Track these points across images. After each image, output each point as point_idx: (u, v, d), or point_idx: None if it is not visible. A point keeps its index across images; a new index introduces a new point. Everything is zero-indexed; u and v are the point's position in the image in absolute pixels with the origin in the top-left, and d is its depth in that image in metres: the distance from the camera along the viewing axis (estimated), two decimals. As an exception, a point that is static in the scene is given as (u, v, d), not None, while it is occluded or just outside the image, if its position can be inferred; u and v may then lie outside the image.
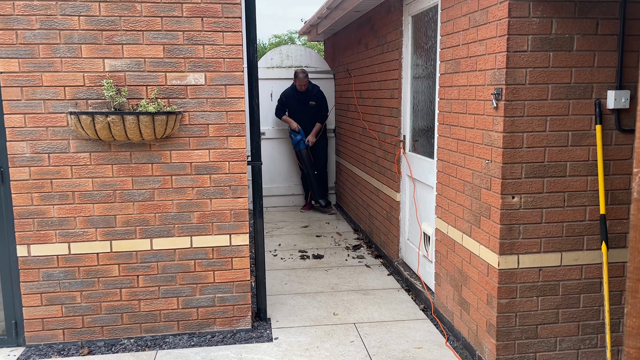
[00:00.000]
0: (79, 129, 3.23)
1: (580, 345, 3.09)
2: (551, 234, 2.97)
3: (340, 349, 3.45)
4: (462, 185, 3.40)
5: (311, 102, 7.05)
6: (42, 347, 3.50)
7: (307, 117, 7.08)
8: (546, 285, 3.01)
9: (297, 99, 7.05)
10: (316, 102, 7.07)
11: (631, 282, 0.58)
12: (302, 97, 7.04)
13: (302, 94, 7.02)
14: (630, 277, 0.58)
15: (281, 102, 7.16)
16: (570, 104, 2.88)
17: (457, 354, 3.39)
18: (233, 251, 3.61)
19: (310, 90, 7.05)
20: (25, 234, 3.40)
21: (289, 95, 7.08)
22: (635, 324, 0.58)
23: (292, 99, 7.07)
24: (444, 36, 3.63)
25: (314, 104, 7.06)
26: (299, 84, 6.91)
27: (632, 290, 0.58)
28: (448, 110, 3.59)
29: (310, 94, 7.05)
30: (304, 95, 7.03)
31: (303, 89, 6.96)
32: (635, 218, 0.58)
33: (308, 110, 7.07)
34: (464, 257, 3.41)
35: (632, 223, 0.58)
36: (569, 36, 2.82)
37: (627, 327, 0.59)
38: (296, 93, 7.03)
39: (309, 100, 7.05)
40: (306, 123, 7.09)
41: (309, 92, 7.04)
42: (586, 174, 2.95)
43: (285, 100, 7.10)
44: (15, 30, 3.22)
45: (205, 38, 3.39)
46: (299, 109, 7.07)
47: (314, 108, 7.07)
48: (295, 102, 7.06)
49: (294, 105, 7.08)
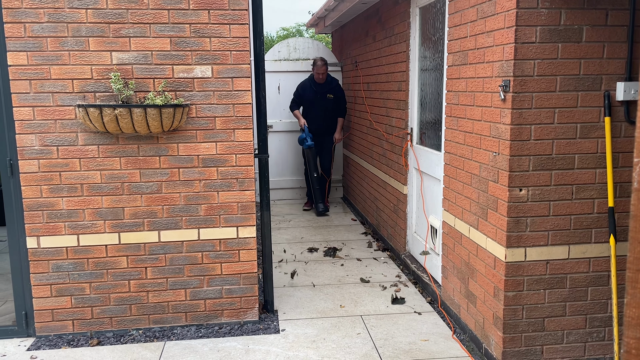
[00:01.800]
0: (87, 122, 3.24)
1: (587, 338, 3.08)
2: (559, 226, 2.96)
3: (347, 341, 3.47)
4: (470, 178, 3.38)
5: (329, 95, 6.65)
6: (52, 337, 3.55)
7: (323, 111, 6.68)
8: (553, 278, 3.00)
9: (314, 91, 6.65)
10: (334, 95, 6.67)
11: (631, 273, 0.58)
12: (319, 89, 6.63)
13: (320, 86, 6.62)
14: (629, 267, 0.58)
15: (297, 94, 6.77)
16: (579, 95, 2.86)
17: (464, 346, 3.39)
18: (240, 243, 3.63)
19: (329, 82, 6.66)
20: (35, 226, 3.43)
21: (306, 86, 6.71)
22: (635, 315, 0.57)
23: (308, 90, 6.67)
24: (451, 28, 3.60)
25: (332, 97, 6.66)
26: (316, 73, 6.52)
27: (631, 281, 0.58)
28: (455, 103, 3.57)
29: (329, 87, 6.65)
30: (321, 88, 6.62)
31: (321, 78, 6.55)
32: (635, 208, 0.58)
33: (325, 104, 6.67)
34: (471, 249, 3.40)
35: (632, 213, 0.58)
36: (577, 27, 2.80)
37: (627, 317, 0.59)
38: (313, 84, 6.64)
39: (326, 93, 6.64)
40: (322, 118, 6.70)
41: (328, 84, 6.64)
42: (594, 166, 2.92)
43: (302, 92, 6.71)
44: (24, 23, 3.24)
45: (212, 30, 3.39)
46: (315, 102, 6.66)
47: (331, 102, 6.68)
48: (312, 94, 6.66)
49: (310, 98, 6.67)
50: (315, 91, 6.64)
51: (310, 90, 6.67)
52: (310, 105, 6.72)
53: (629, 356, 0.59)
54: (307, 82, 6.75)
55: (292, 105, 6.84)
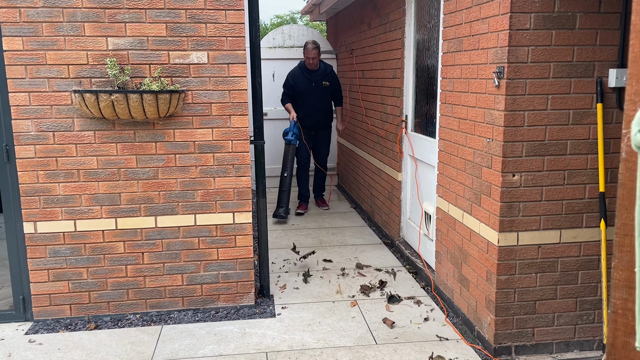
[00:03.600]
0: (83, 107, 3.25)
1: (577, 320, 3.15)
2: (551, 211, 3.01)
3: (342, 324, 3.52)
4: (464, 164, 3.42)
5: (324, 82, 6.06)
6: (50, 321, 3.58)
7: (319, 101, 6.07)
8: (545, 262, 3.06)
9: (307, 79, 6.01)
10: (330, 83, 6.10)
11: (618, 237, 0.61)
12: (313, 77, 6.01)
13: (314, 73, 6.01)
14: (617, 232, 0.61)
15: (288, 86, 6.07)
16: (572, 82, 2.90)
17: (457, 329, 3.45)
18: (236, 229, 3.66)
19: (324, 69, 6.08)
20: (32, 211, 3.45)
21: (297, 75, 6.03)
22: (622, 277, 0.61)
23: (301, 79, 6.01)
24: (446, 15, 3.62)
25: (328, 85, 6.08)
26: (307, 57, 5.90)
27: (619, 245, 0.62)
28: (450, 90, 3.60)
29: (324, 73, 6.06)
30: (315, 75, 6.01)
31: (313, 64, 5.93)
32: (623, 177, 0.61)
33: (322, 93, 6.07)
34: (465, 235, 3.45)
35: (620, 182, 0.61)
36: (571, 14, 2.82)
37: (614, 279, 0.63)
38: (306, 72, 6.00)
39: (321, 80, 6.04)
40: (318, 108, 6.09)
41: (322, 71, 6.05)
42: (586, 152, 2.97)
43: (293, 82, 6.01)
44: (19, 8, 3.23)
45: (208, 16, 3.39)
46: (310, 91, 6.02)
47: (328, 90, 6.10)
48: (306, 83, 6.00)
49: (304, 88, 6.00)
50: (308, 79, 6.02)
51: (302, 78, 6.03)
52: (305, 96, 6.05)
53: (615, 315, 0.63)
54: (297, 70, 6.08)
55: (284, 98, 6.14)
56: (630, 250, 0.61)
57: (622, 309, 0.63)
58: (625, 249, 0.62)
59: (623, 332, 0.63)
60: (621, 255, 0.62)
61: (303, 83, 6.01)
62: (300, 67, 6.06)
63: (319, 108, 6.10)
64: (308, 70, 6.03)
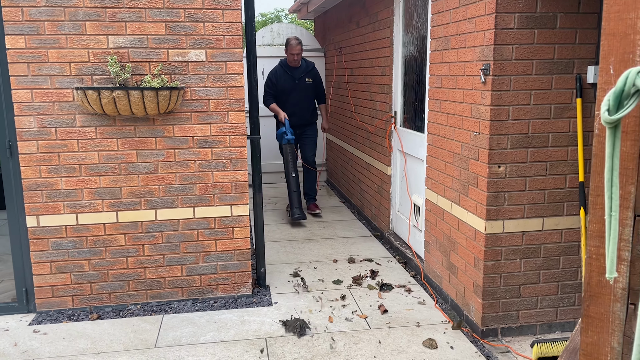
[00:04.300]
0: (85, 104, 3.35)
1: (559, 303, 3.34)
2: (534, 200, 3.19)
3: (336, 312, 3.67)
4: (452, 157, 3.60)
5: (307, 79, 5.95)
6: (52, 313, 3.67)
7: (304, 98, 5.98)
8: (529, 248, 3.24)
9: (290, 77, 5.88)
10: (313, 80, 6.01)
11: (592, 197, 0.76)
12: (297, 74, 5.89)
13: (297, 71, 5.89)
14: (591, 193, 0.76)
15: (270, 85, 5.88)
16: (553, 78, 3.08)
17: (446, 314, 3.63)
18: (234, 221, 3.79)
19: (307, 66, 5.97)
20: (34, 205, 3.54)
21: (280, 74, 5.88)
22: (595, 229, 0.76)
23: (283, 77, 5.87)
24: (434, 14, 3.79)
25: (311, 82, 5.99)
26: (290, 54, 5.75)
27: (592, 204, 0.76)
28: (438, 86, 3.77)
29: (307, 70, 5.95)
30: (298, 72, 5.90)
31: (296, 60, 5.81)
32: (595, 148, 0.76)
33: (305, 90, 5.96)
34: (453, 224, 3.62)
35: (593, 153, 0.76)
36: (552, 14, 3.00)
37: (589, 231, 0.78)
38: (288, 70, 5.88)
39: (305, 77, 5.93)
40: (302, 106, 5.98)
41: (305, 68, 5.94)
42: (567, 144, 3.16)
43: (276, 81, 5.86)
44: (21, 7, 3.31)
45: (206, 15, 3.51)
46: (294, 89, 5.90)
47: (311, 87, 6.00)
48: (289, 81, 5.88)
49: (288, 86, 5.88)
50: (292, 77, 5.88)
51: (285, 77, 5.87)
52: (289, 95, 5.91)
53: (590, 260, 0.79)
54: (278, 69, 5.91)
55: (267, 98, 5.92)
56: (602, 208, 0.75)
57: (596, 254, 0.78)
58: (598, 207, 0.77)
59: (597, 273, 0.78)
60: (594, 212, 0.76)
61: (287, 81, 5.88)
62: (282, 65, 5.91)
63: (303, 106, 5.99)
64: (290, 68, 5.88)
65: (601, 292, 0.75)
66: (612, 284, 0.76)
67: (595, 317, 0.73)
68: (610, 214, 0.68)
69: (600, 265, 0.80)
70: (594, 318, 0.74)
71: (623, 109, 0.69)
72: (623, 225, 0.73)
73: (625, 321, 0.75)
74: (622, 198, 0.71)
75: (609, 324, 0.73)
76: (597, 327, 0.74)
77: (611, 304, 0.73)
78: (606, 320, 0.73)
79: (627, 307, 0.73)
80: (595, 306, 0.74)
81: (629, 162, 0.69)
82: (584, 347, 0.77)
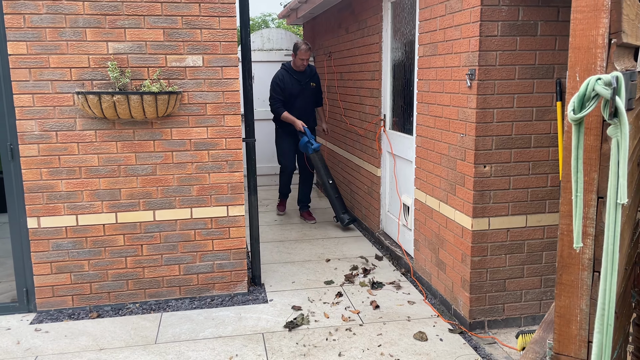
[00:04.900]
0: (86, 108, 3.45)
1: (542, 296, 3.51)
2: (518, 198, 3.36)
3: (330, 308, 3.81)
4: (440, 158, 3.76)
5: (312, 83, 5.91)
6: (53, 312, 3.76)
7: (308, 102, 5.94)
8: (513, 244, 3.41)
9: (297, 82, 5.79)
10: (316, 84, 5.97)
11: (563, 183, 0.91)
12: (303, 79, 5.82)
13: (302, 75, 5.82)
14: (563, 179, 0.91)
15: (278, 91, 5.71)
16: (535, 83, 3.25)
17: (435, 309, 3.78)
18: (230, 221, 3.91)
19: (309, 70, 5.89)
20: (35, 207, 3.63)
21: (287, 79, 5.74)
22: (565, 209, 0.91)
23: (291, 82, 5.75)
24: (422, 21, 3.95)
25: (314, 86, 5.95)
26: (299, 59, 5.65)
27: (563, 189, 0.91)
28: (426, 90, 3.93)
29: (311, 74, 5.89)
30: (304, 77, 5.83)
31: (304, 65, 5.75)
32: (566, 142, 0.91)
33: (309, 94, 5.91)
34: (441, 222, 3.78)
35: (564, 146, 0.90)
36: (533, 22, 3.18)
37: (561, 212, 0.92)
38: (295, 74, 5.77)
39: (309, 81, 5.88)
40: (307, 110, 5.95)
41: (309, 72, 5.88)
42: (548, 145, 3.33)
43: (284, 86, 5.72)
44: (23, 14, 3.41)
45: (203, 22, 3.64)
46: (300, 94, 5.82)
47: (313, 91, 5.97)
48: (297, 86, 5.79)
49: (296, 91, 5.78)
50: (299, 81, 5.81)
51: (293, 81, 5.79)
52: (295, 100, 5.84)
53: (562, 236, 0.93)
54: (284, 73, 5.79)
55: (278, 106, 5.75)
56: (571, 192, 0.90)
57: (567, 231, 0.92)
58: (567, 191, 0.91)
59: (567, 246, 0.92)
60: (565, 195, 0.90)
61: (294, 86, 5.78)
62: (288, 70, 5.79)
63: (307, 110, 5.96)
64: (297, 72, 5.80)
65: (571, 262, 0.89)
66: (580, 255, 0.91)
67: (566, 284, 0.88)
68: (576, 195, 0.82)
69: (570, 240, 0.94)
70: (566, 285, 0.88)
71: (585, 109, 0.83)
72: (588, 206, 0.87)
73: (592, 286, 0.90)
74: (586, 183, 0.85)
75: (578, 289, 0.87)
76: (569, 293, 0.88)
77: (580, 272, 0.87)
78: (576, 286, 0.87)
79: (592, 274, 0.87)
80: (566, 275, 0.89)
81: (592, 153, 0.83)
82: (558, 309, 0.91)
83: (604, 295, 0.83)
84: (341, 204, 5.66)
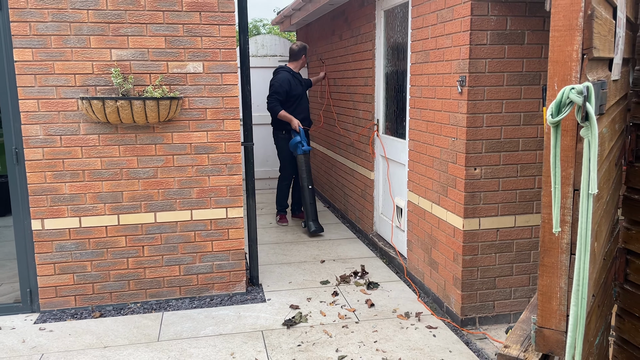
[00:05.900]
0: (90, 113, 3.56)
1: (531, 294, 3.65)
2: (507, 199, 3.51)
3: (326, 307, 3.93)
4: (432, 161, 3.90)
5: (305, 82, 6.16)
6: (56, 312, 3.85)
7: (307, 102, 6.06)
8: (503, 244, 3.55)
9: (299, 82, 5.91)
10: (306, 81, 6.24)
11: (544, 178, 1.04)
12: (301, 79, 5.97)
13: (300, 76, 5.99)
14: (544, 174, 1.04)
15: (281, 93, 5.73)
16: (522, 89, 3.41)
17: (428, 307, 3.92)
18: (229, 223, 4.03)
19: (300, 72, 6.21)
20: (40, 209, 3.72)
21: (291, 81, 5.79)
22: (546, 200, 1.04)
23: (295, 83, 5.81)
24: (414, 30, 4.11)
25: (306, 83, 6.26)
26: (304, 61, 5.94)
27: (544, 183, 1.04)
28: (418, 96, 4.08)
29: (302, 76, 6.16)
30: (300, 77, 5.99)
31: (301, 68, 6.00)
32: (546, 142, 1.04)
33: (306, 93, 6.10)
34: (433, 223, 3.92)
35: (545, 144, 1.04)
36: (521, 31, 3.34)
37: (543, 202, 1.06)
38: (296, 75, 5.88)
39: (306, 82, 6.13)
40: (308, 111, 6.03)
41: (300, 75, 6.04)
42: (535, 148, 3.49)
43: (289, 89, 5.75)
44: (29, 22, 3.52)
45: (203, 30, 3.76)
46: (302, 95, 5.93)
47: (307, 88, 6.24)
48: (300, 87, 5.88)
49: (299, 92, 5.86)
50: (300, 83, 5.91)
51: (296, 82, 5.84)
52: (299, 100, 5.89)
53: (544, 224, 1.06)
54: (286, 75, 5.78)
55: (275, 105, 5.73)
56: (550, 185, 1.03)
57: (548, 219, 1.05)
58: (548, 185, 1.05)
59: (548, 233, 1.06)
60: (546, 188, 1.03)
61: (297, 87, 5.86)
62: (290, 72, 5.83)
63: (307, 108, 6.06)
64: (297, 74, 5.92)
65: (552, 247, 1.02)
66: (559, 240, 1.04)
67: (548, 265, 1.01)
68: (555, 187, 0.95)
69: (550, 227, 1.08)
70: (547, 266, 1.01)
71: (562, 113, 0.97)
72: (565, 197, 1.01)
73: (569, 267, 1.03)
74: (564, 177, 0.98)
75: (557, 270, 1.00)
76: (550, 273, 1.01)
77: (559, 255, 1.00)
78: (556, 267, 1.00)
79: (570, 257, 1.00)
80: (548, 257, 1.02)
81: (568, 151, 0.96)
82: (540, 288, 1.05)
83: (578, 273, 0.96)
84: (314, 211, 5.67)
